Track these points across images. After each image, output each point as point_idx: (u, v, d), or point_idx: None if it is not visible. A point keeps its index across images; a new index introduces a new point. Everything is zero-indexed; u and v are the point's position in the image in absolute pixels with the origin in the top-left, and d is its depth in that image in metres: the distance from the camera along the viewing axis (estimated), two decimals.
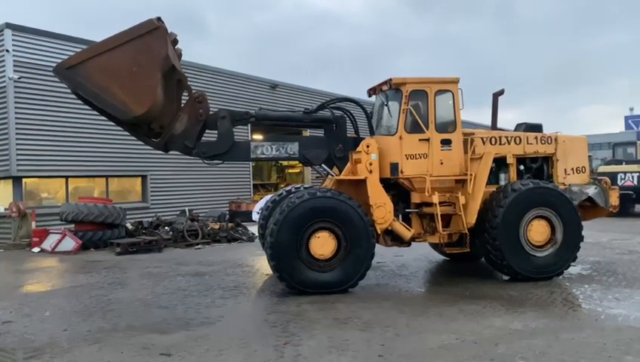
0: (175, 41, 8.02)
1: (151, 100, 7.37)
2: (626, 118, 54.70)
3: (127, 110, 7.38)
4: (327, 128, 9.09)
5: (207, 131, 8.61)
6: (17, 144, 15.75)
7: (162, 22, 7.51)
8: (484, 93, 10.06)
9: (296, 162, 9.54)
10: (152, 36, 7.32)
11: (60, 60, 7.92)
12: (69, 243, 13.72)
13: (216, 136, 8.52)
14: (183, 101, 8.44)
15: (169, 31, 7.63)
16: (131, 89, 7.27)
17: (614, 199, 9.36)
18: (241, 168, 22.63)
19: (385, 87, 8.87)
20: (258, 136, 28.02)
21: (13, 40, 15.70)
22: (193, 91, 8.33)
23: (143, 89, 7.30)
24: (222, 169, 18.55)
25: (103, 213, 14.36)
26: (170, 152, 8.79)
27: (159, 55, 7.33)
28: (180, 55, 8.33)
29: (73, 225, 14.61)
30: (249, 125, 24.87)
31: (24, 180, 16.27)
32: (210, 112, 8.38)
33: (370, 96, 9.62)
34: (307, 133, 18.20)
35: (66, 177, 17.19)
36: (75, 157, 16.96)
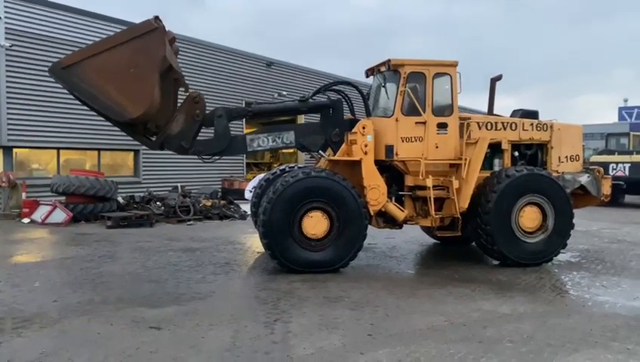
0: (173, 40, 7.91)
1: (148, 102, 7.26)
2: (620, 110, 54.78)
3: (124, 112, 7.29)
4: (323, 113, 9.01)
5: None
6: (8, 113, 15.52)
7: (160, 21, 7.40)
8: (486, 79, 9.97)
9: None
10: (149, 37, 7.21)
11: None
12: (60, 216, 13.64)
13: (211, 132, 8.44)
14: (179, 97, 8.34)
15: (167, 29, 7.51)
16: (128, 90, 7.16)
17: (606, 188, 9.42)
18: None
19: (383, 68, 8.79)
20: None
21: (5, 6, 15.35)
22: (190, 90, 8.20)
23: (139, 91, 7.19)
24: None
25: (94, 186, 14.24)
26: None
27: (157, 56, 7.20)
28: (176, 52, 8.23)
29: (64, 198, 14.51)
30: (243, 104, 24.62)
31: (15, 150, 16.09)
32: (207, 110, 8.30)
33: (367, 76, 9.54)
34: (302, 118, 18.12)
35: (58, 149, 17.02)
36: (67, 128, 16.76)
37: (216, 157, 8.58)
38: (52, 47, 16.26)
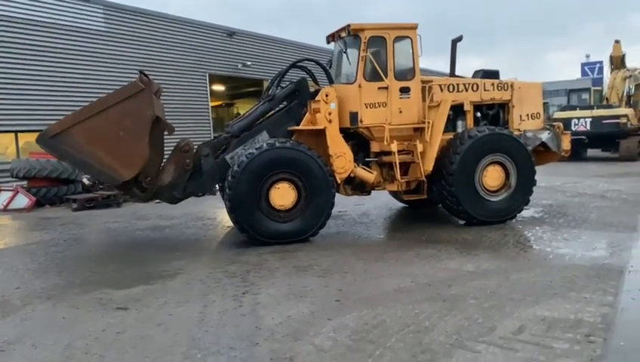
0: (158, 91, 7.79)
1: (140, 163, 7.19)
2: (582, 65, 55.64)
3: (116, 175, 7.19)
4: (291, 98, 8.85)
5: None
6: None
7: (146, 76, 7.27)
8: (465, 40, 9.82)
9: None
10: (137, 99, 7.09)
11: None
12: (23, 201, 13.28)
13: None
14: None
15: (152, 81, 7.43)
16: (119, 154, 7.06)
17: (566, 143, 9.63)
18: (202, 121, 22.19)
19: (343, 34, 8.66)
20: (219, 87, 27.32)
21: None
22: (181, 143, 8.09)
23: (131, 153, 7.11)
24: (182, 122, 18.07)
25: (56, 168, 13.84)
26: None
27: (145, 117, 7.09)
28: (159, 95, 8.06)
29: (26, 182, 14.10)
30: (207, 76, 24.08)
31: None
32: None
33: (328, 43, 9.40)
34: None
35: (16, 132, 16.42)
36: (24, 110, 16.12)
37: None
38: (10, 27, 15.53)
